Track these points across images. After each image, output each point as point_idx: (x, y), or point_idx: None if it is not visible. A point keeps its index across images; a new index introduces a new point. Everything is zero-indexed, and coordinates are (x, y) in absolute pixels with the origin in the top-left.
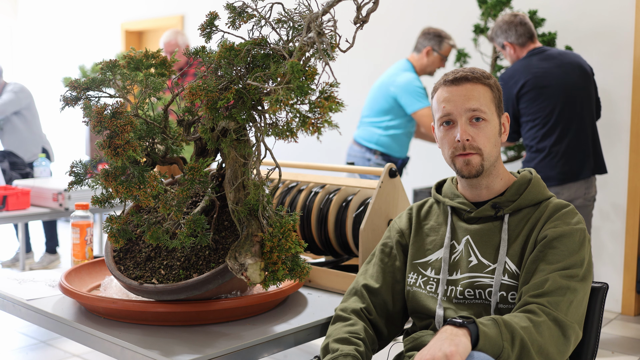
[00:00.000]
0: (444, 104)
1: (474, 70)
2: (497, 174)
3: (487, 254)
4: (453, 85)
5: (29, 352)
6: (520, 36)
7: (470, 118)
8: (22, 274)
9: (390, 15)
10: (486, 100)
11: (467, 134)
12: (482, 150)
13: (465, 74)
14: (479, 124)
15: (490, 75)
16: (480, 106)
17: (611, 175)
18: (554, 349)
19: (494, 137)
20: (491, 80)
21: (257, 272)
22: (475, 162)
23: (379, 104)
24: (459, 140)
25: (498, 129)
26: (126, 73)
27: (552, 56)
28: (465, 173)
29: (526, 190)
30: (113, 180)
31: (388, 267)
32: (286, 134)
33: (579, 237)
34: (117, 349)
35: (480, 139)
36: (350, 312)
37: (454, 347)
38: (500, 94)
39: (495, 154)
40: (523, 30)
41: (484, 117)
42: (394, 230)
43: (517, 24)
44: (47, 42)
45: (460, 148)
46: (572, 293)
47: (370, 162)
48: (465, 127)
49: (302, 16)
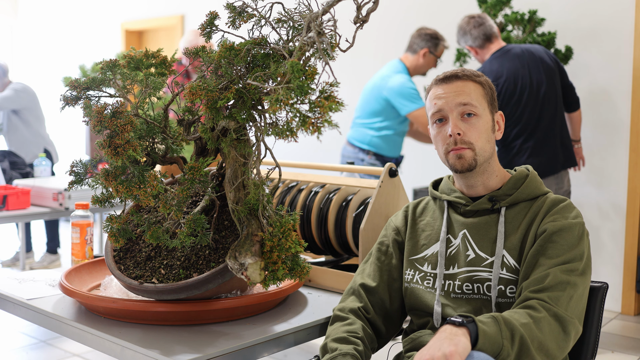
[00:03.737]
0: (435, 100)
1: (464, 70)
2: (492, 171)
3: (484, 247)
4: (444, 83)
5: (29, 352)
6: (476, 39)
7: (461, 113)
8: (22, 273)
9: (391, 15)
10: (477, 96)
11: (458, 128)
12: (474, 145)
13: (456, 72)
14: (470, 119)
15: (482, 74)
16: (471, 101)
17: (611, 174)
18: (554, 345)
19: (486, 133)
20: (482, 78)
21: (257, 271)
22: (467, 156)
23: (370, 106)
24: (451, 135)
25: (491, 125)
26: (126, 73)
27: (516, 56)
28: (458, 167)
29: (523, 184)
30: (113, 179)
31: (385, 266)
32: (286, 134)
33: (578, 231)
34: (117, 349)
35: (471, 133)
36: (348, 312)
37: (453, 347)
38: (493, 92)
39: (489, 149)
40: (478, 32)
41: (474, 111)
42: (390, 228)
43: (471, 27)
44: (48, 42)
45: (452, 143)
46: (572, 288)
47: (364, 162)
48: (456, 121)
49: (302, 16)
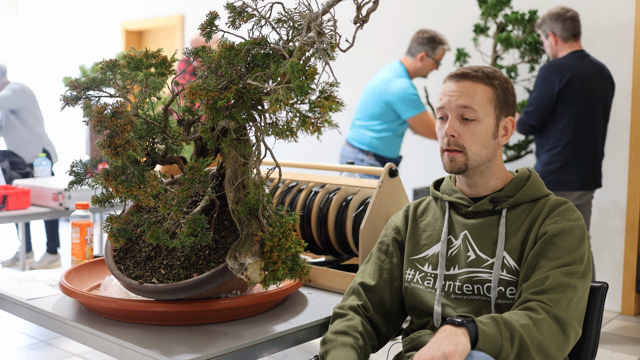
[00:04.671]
0: (442, 96)
1: (479, 69)
2: (492, 174)
3: (485, 248)
4: (455, 81)
5: (29, 352)
6: (565, 31)
7: (460, 115)
8: (22, 273)
9: (391, 15)
10: (482, 99)
11: (453, 129)
12: (467, 149)
13: (469, 71)
14: (468, 123)
15: (499, 76)
16: (472, 105)
17: (611, 174)
18: (554, 347)
19: (484, 138)
20: (496, 81)
21: (257, 271)
22: (458, 160)
23: (371, 109)
24: (445, 134)
25: (492, 130)
26: (126, 73)
27: (593, 64)
28: (448, 169)
29: (525, 186)
30: (113, 179)
31: (385, 265)
32: (286, 134)
33: (578, 234)
34: (117, 349)
35: (467, 137)
36: (347, 309)
37: (452, 346)
38: (507, 96)
39: (484, 154)
40: (570, 26)
41: (473, 116)
42: (390, 228)
43: (566, 18)
44: (48, 42)
45: (446, 143)
46: (572, 290)
47: (363, 163)
48: (453, 123)
49: (302, 16)
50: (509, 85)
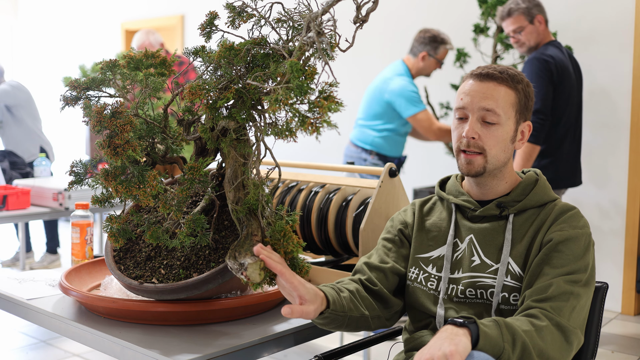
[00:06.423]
0: (462, 96)
1: (505, 71)
2: (503, 177)
3: (490, 253)
4: (477, 80)
5: (29, 352)
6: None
7: (482, 117)
8: (22, 273)
9: (391, 15)
10: (505, 103)
11: (474, 131)
12: (487, 152)
13: (494, 72)
14: (490, 126)
15: (522, 79)
16: (495, 108)
17: (611, 174)
18: (556, 354)
19: (504, 142)
20: (520, 85)
21: (256, 271)
22: (477, 162)
23: (372, 108)
24: (465, 136)
25: (511, 135)
26: (126, 73)
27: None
28: (464, 171)
29: (532, 191)
30: (113, 179)
31: (392, 253)
32: (285, 134)
33: (584, 242)
34: (117, 349)
35: (488, 140)
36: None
37: (453, 346)
38: (528, 101)
39: (502, 158)
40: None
41: (495, 120)
42: (397, 221)
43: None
44: (48, 42)
45: (465, 144)
46: (575, 298)
47: (366, 162)
48: (474, 124)
49: (302, 16)
50: (530, 90)
